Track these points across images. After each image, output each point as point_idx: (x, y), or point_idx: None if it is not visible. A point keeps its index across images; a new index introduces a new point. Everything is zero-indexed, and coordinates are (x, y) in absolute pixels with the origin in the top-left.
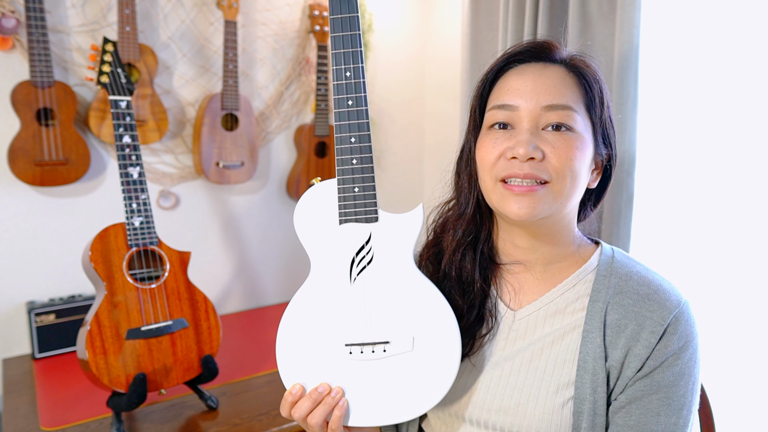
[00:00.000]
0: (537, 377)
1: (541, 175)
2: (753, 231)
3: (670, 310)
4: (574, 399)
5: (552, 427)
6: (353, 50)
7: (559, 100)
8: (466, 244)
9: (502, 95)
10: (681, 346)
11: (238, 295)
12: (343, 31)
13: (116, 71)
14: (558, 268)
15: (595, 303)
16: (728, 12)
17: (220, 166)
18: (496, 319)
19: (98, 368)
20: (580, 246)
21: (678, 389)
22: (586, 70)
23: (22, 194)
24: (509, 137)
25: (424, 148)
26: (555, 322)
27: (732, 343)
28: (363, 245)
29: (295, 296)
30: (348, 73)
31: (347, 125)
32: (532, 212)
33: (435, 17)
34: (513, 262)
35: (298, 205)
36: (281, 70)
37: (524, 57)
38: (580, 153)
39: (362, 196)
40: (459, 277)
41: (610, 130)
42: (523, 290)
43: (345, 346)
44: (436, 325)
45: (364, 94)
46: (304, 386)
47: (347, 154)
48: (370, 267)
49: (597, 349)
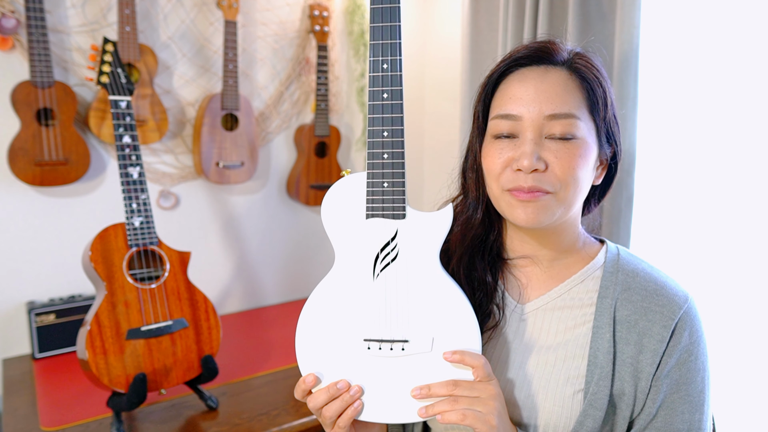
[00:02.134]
0: (547, 371)
1: (544, 187)
2: (753, 230)
3: (680, 305)
4: (584, 393)
5: (562, 419)
6: (392, 42)
7: (561, 109)
8: (475, 246)
9: (505, 104)
10: (693, 341)
11: (238, 295)
12: (383, 22)
13: (116, 71)
14: (564, 264)
15: (604, 299)
16: (728, 11)
17: (220, 166)
18: (504, 313)
19: (98, 368)
20: (586, 244)
21: (696, 385)
22: (588, 72)
23: (22, 194)
24: (513, 147)
25: (424, 148)
26: (563, 316)
27: (732, 341)
28: (388, 242)
29: (318, 286)
30: (385, 65)
31: (381, 119)
32: (538, 218)
33: (435, 17)
34: (520, 256)
35: (327, 195)
36: (281, 70)
37: (526, 61)
38: (583, 160)
39: (391, 192)
40: (468, 276)
41: (614, 128)
42: (531, 284)
43: (363, 341)
44: (457, 329)
45: (401, 87)
46: (320, 377)
47: (379, 148)
48: (394, 264)
49: (607, 345)
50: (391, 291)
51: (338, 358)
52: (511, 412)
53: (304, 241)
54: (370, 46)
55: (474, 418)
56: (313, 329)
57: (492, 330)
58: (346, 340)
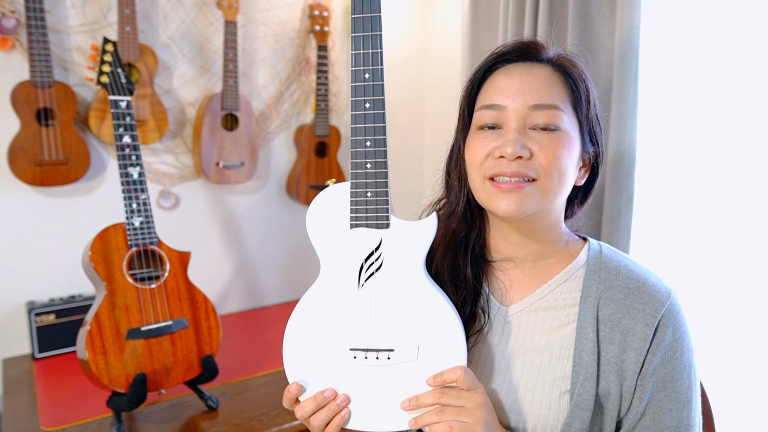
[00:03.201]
0: (533, 372)
1: (528, 173)
2: (753, 230)
3: (662, 302)
4: (570, 394)
5: (549, 421)
6: (373, 51)
7: (545, 100)
8: (458, 241)
9: (490, 95)
10: (677, 338)
11: (238, 295)
12: (364, 32)
13: (116, 71)
14: (547, 264)
15: (587, 299)
16: (728, 11)
17: (220, 166)
18: (489, 315)
19: (98, 368)
20: (568, 242)
21: (683, 382)
22: (572, 69)
23: (22, 194)
24: (497, 137)
25: (424, 148)
26: (547, 317)
27: (731, 341)
28: (373, 251)
29: (304, 296)
30: (367, 75)
31: (363, 128)
32: (520, 208)
33: (435, 17)
34: (503, 259)
35: (311, 206)
36: (281, 70)
37: (511, 57)
38: (567, 151)
39: (374, 202)
40: (451, 274)
41: (596, 128)
42: (514, 287)
43: (349, 351)
44: (442, 337)
45: (383, 97)
46: (306, 385)
47: (361, 158)
48: (378, 273)
49: (591, 345)
50: (376, 300)
51: (325, 367)
52: (499, 416)
53: (304, 241)
54: (352, 55)
55: (460, 429)
56: (299, 338)
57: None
58: (332, 350)
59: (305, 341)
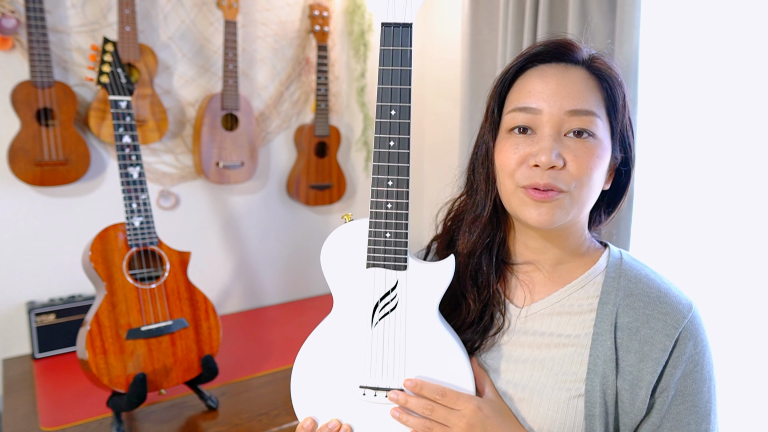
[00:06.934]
0: (543, 374)
1: (559, 185)
2: (753, 231)
3: (684, 313)
4: (585, 402)
5: (556, 425)
6: (402, 87)
7: (582, 105)
8: (483, 247)
9: (524, 97)
10: (698, 351)
11: (238, 295)
12: (393, 65)
13: (116, 71)
14: (566, 269)
15: (605, 305)
16: (728, 13)
17: (220, 166)
18: (506, 317)
19: (98, 368)
20: (589, 248)
21: (702, 396)
22: (608, 73)
23: (22, 194)
24: (531, 143)
25: (424, 148)
26: (563, 321)
27: (731, 342)
28: (388, 291)
29: (315, 330)
30: (393, 112)
31: (386, 167)
32: (551, 219)
33: (435, 17)
34: (524, 262)
35: (327, 241)
36: (281, 70)
37: (545, 57)
38: (600, 161)
39: (393, 243)
40: (474, 279)
41: (628, 132)
42: (531, 289)
43: (359, 388)
44: (451, 380)
45: (408, 136)
46: (317, 420)
47: (383, 197)
48: (392, 313)
49: (607, 352)
50: (389, 340)
51: (334, 403)
52: None
53: (304, 241)
54: (379, 90)
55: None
56: (309, 373)
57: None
58: (341, 386)
59: (315, 376)
